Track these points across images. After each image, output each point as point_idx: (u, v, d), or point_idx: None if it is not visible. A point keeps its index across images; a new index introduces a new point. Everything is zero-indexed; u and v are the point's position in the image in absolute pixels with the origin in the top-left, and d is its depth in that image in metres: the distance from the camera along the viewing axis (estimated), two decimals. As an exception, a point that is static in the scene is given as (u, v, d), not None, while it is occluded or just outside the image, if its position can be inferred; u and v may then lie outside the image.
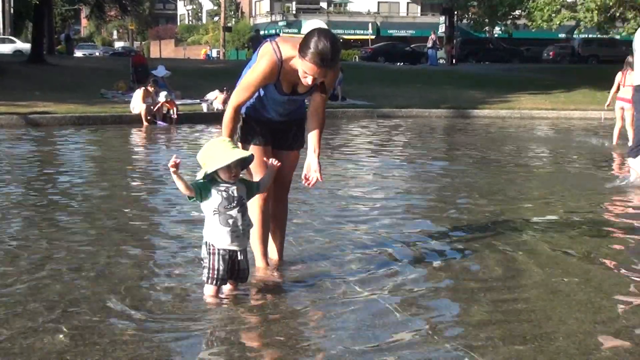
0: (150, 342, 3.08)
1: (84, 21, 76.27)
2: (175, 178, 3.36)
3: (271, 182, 3.86)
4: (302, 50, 3.56)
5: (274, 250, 4.24)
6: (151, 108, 13.47)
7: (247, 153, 3.62)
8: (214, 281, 3.55)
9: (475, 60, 40.87)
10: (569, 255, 4.64)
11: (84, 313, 3.38)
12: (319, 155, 3.87)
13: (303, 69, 3.59)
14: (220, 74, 20.70)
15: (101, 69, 23.23)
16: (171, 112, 13.74)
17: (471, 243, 4.86)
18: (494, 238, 4.98)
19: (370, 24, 52.25)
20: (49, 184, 7.01)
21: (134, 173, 8.00)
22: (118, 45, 68.02)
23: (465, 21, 32.28)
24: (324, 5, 59.70)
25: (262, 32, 41.85)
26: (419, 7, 59.63)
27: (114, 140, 11.34)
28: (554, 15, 22.47)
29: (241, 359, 2.98)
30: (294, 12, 57.81)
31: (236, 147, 3.56)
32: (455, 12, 33.84)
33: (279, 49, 3.72)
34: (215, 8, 63.78)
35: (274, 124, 4.02)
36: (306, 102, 4.09)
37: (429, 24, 47.58)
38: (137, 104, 13.50)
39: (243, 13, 63.58)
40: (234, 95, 3.83)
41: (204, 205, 3.53)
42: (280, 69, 3.73)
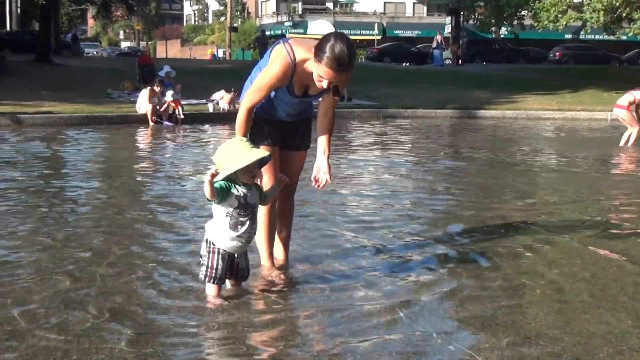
0: (152, 342, 3.08)
1: (91, 21, 76.59)
2: (207, 184, 3.36)
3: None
4: (318, 55, 3.53)
5: (279, 250, 4.24)
6: (157, 108, 13.49)
7: (266, 153, 3.61)
8: (212, 280, 3.55)
9: (481, 61, 40.78)
10: (577, 256, 4.61)
11: (86, 313, 3.38)
12: (328, 157, 3.87)
13: (319, 72, 3.56)
14: (226, 74, 20.74)
15: (107, 69, 23.29)
16: (177, 112, 13.77)
17: (478, 243, 4.85)
18: (501, 238, 4.97)
19: (376, 25, 52.21)
20: (52, 184, 7.02)
21: (138, 173, 8.02)
22: (124, 45, 68.16)
23: (471, 22, 32.26)
24: (330, 5, 59.71)
25: (268, 33, 41.80)
26: (425, 8, 59.54)
27: (120, 140, 11.35)
28: (560, 15, 22.44)
29: (245, 359, 2.98)
30: (300, 13, 57.85)
31: (254, 147, 3.53)
32: (462, 13, 33.82)
33: (293, 52, 3.69)
34: (222, 8, 63.90)
35: (282, 124, 4.02)
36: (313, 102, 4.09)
37: (435, 24, 47.48)
38: (143, 103, 13.52)
39: (249, 13, 63.65)
40: (247, 97, 3.81)
41: (217, 206, 3.52)
42: (294, 72, 3.71)
